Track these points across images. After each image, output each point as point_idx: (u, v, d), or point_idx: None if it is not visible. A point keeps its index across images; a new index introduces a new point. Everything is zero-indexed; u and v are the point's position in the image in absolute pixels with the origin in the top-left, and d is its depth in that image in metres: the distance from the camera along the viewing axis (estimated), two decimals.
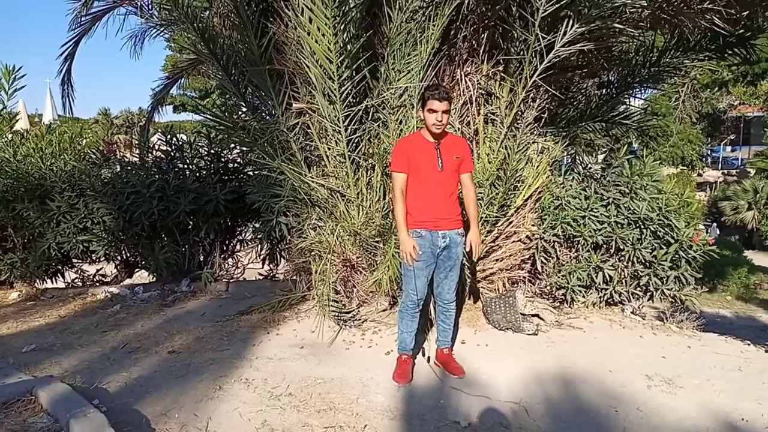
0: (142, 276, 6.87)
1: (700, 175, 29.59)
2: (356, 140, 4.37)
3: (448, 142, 3.41)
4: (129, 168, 6.03)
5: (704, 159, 31.32)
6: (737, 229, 22.37)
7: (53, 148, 6.48)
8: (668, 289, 4.52)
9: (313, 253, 4.62)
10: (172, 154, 6.24)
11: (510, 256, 4.83)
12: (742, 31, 4.98)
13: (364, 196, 4.43)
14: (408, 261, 3.30)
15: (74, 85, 6.53)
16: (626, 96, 5.98)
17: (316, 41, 3.91)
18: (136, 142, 6.88)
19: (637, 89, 5.92)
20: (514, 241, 4.83)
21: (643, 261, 4.54)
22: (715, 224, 21.75)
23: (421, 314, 3.61)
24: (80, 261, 6.75)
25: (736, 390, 3.36)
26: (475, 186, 3.75)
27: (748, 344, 4.18)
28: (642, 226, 4.55)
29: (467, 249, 3.49)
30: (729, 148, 33.60)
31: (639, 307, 4.74)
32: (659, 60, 5.46)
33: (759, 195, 20.87)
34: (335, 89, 4.10)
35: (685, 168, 28.10)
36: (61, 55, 6.18)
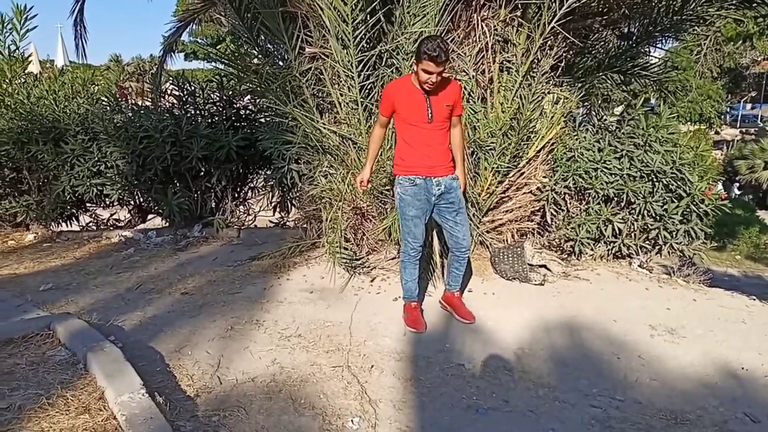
0: (155, 222, 6.95)
1: (717, 132, 29.03)
2: (369, 86, 4.32)
3: (438, 88, 3.23)
4: (142, 112, 6.03)
5: (723, 116, 30.66)
6: (752, 188, 22.12)
7: (66, 91, 6.47)
8: (677, 243, 4.52)
9: (323, 200, 4.64)
10: (184, 99, 6.22)
11: (520, 207, 4.83)
12: None
13: None
14: (359, 188, 3.56)
15: (87, 26, 6.47)
16: (647, 47, 5.82)
17: None
18: (148, 89, 6.84)
19: (659, 40, 5.75)
20: (524, 193, 4.82)
21: (653, 214, 4.53)
22: (736, 184, 21.49)
23: (421, 260, 3.63)
24: (94, 205, 6.85)
25: (739, 341, 3.41)
26: (464, 129, 3.75)
27: (754, 299, 4.20)
28: (654, 179, 4.51)
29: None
30: (749, 106, 32.82)
31: (647, 261, 4.75)
32: (682, 9, 5.27)
33: None
34: (349, 33, 4.03)
35: (702, 126, 27.58)
36: None
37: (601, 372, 3.07)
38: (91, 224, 6.89)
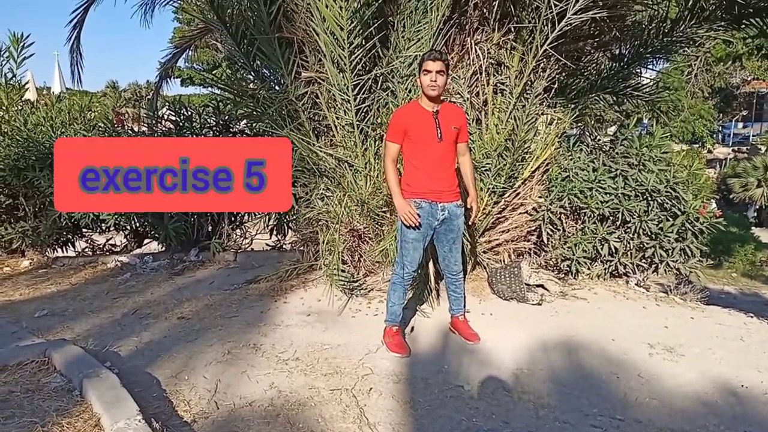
0: (151, 246, 6.94)
1: (710, 151, 29.27)
2: (365, 109, 4.37)
3: (445, 110, 3.35)
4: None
5: (715, 135, 30.94)
6: (745, 206, 22.23)
7: (63, 118, 6.50)
8: (673, 261, 4.53)
9: (320, 223, 4.65)
10: (181, 124, 6.26)
11: (516, 227, 4.85)
12: (758, 0, 4.89)
13: (371, 166, 4.44)
14: (412, 221, 3.29)
15: (83, 53, 6.53)
16: (638, 68, 5.90)
17: (327, 7, 3.88)
18: (145, 114, 6.88)
19: (650, 61, 5.84)
20: (520, 213, 4.85)
21: (649, 233, 4.55)
22: (755, 206, 21.54)
23: (414, 283, 3.65)
24: (90, 230, 6.83)
25: (737, 358, 3.40)
26: (472, 156, 3.78)
27: (751, 316, 4.20)
28: (649, 198, 4.55)
29: (471, 214, 3.53)
30: (741, 125, 33.13)
31: (643, 279, 4.77)
32: (672, 30, 5.37)
33: None
34: (345, 57, 4.08)
35: (695, 145, 27.82)
36: (70, 22, 6.20)
37: (601, 391, 3.05)
38: (87, 250, 6.87)
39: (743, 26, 5.33)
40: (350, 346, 3.56)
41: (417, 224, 3.32)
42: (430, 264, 4.30)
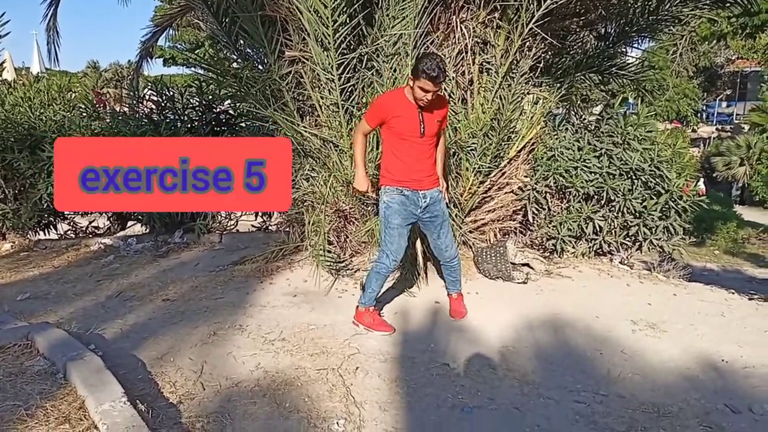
0: (135, 228, 6.87)
1: (694, 130, 29.51)
2: (350, 89, 4.32)
3: (431, 104, 3.26)
4: (120, 118, 5.95)
5: (699, 114, 31.18)
6: (728, 185, 22.51)
7: (42, 98, 6.37)
8: (657, 239, 4.58)
9: (306, 203, 4.63)
10: (162, 104, 6.16)
11: (502, 207, 4.87)
12: None
13: None
14: (358, 193, 3.46)
15: (60, 32, 6.39)
16: (623, 47, 5.89)
17: None
18: (126, 95, 6.76)
19: (635, 39, 5.83)
20: (506, 192, 4.86)
21: (633, 211, 4.59)
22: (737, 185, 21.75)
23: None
24: (72, 213, 6.74)
25: (718, 334, 3.46)
26: (449, 140, 3.79)
27: (733, 293, 4.27)
28: (633, 177, 4.58)
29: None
30: (725, 104, 33.38)
31: (627, 257, 4.81)
32: (658, 9, 5.35)
33: (752, 151, 20.91)
34: (329, 35, 4.02)
35: (681, 123, 28.04)
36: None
37: (585, 368, 3.09)
38: (69, 232, 6.78)
39: (728, 5, 5.35)
40: (337, 326, 3.57)
41: (370, 194, 3.52)
42: (418, 243, 4.30)
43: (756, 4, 5.49)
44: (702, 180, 18.33)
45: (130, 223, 6.81)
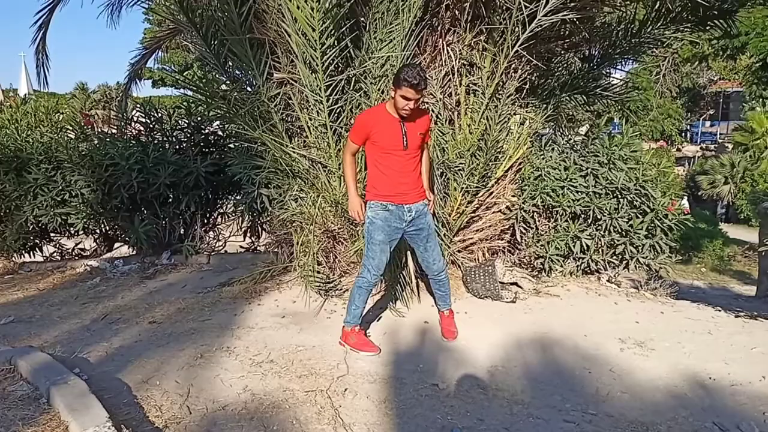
0: (121, 250, 6.82)
1: (679, 150, 29.92)
2: (338, 110, 4.35)
3: (413, 116, 3.31)
4: (107, 140, 5.95)
5: (683, 134, 31.66)
6: (714, 203, 22.77)
7: (29, 120, 6.36)
8: (643, 258, 4.62)
9: (294, 224, 4.62)
10: (151, 126, 6.17)
11: (490, 226, 4.89)
12: (722, 2, 5.01)
13: None
14: (356, 219, 3.44)
15: (49, 55, 6.39)
16: (608, 68, 6.00)
17: (299, 8, 3.85)
18: (114, 116, 6.76)
19: (619, 61, 5.94)
20: (494, 212, 4.88)
21: (619, 230, 4.63)
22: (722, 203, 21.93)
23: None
24: (59, 235, 6.69)
25: (706, 351, 3.48)
26: (429, 157, 3.76)
27: (719, 310, 4.30)
28: (619, 196, 4.63)
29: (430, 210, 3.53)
30: (708, 123, 33.93)
31: (615, 276, 4.84)
32: (640, 31, 5.47)
33: (735, 169, 21.18)
34: (317, 58, 4.06)
35: (666, 142, 28.44)
36: (36, 23, 6.03)
37: (574, 387, 3.09)
38: (55, 254, 6.72)
39: (708, 27, 5.45)
40: (325, 347, 3.55)
41: (360, 221, 3.47)
42: (410, 261, 4.30)
43: (735, 26, 5.60)
44: (685, 198, 18.54)
45: (117, 244, 6.76)
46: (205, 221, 6.41)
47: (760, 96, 18.55)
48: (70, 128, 6.37)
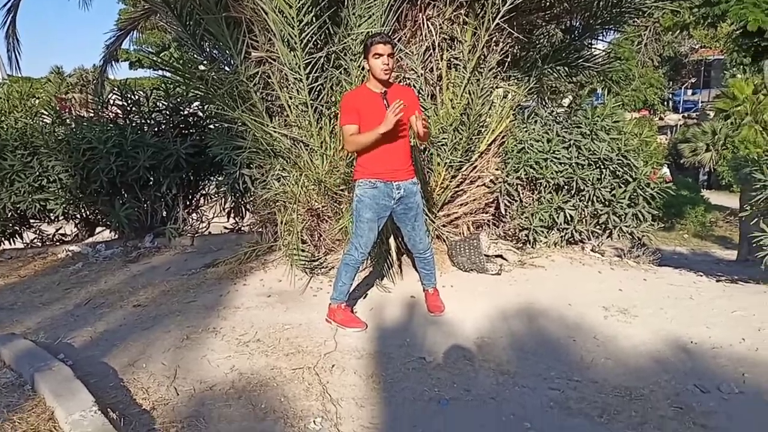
0: (103, 235, 6.74)
1: (661, 118, 30.08)
2: (318, 88, 4.30)
3: (394, 92, 3.32)
4: (84, 124, 5.83)
5: (666, 102, 31.82)
6: (696, 170, 23.00)
7: (2, 106, 6.21)
8: (626, 226, 4.66)
9: (278, 203, 4.59)
10: (128, 108, 6.06)
11: (474, 200, 4.89)
12: None
13: (327, 145, 4.39)
14: (394, 115, 3.08)
15: (20, 38, 6.22)
16: (589, 39, 5.97)
17: None
18: (91, 100, 6.62)
19: (600, 32, 5.90)
20: (478, 186, 4.89)
21: (602, 200, 4.66)
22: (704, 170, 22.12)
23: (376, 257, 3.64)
24: (38, 221, 6.58)
25: (687, 316, 3.53)
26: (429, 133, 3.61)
27: (701, 275, 4.37)
28: (602, 166, 4.65)
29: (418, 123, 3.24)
30: (690, 92, 34.09)
31: (598, 245, 4.89)
32: (621, 1, 5.43)
33: (717, 136, 21.34)
34: (295, 35, 3.99)
35: (650, 110, 28.60)
36: (4, 6, 5.86)
37: (559, 355, 3.13)
38: (35, 241, 6.62)
39: None
40: (312, 324, 3.55)
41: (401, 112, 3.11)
42: (391, 239, 4.30)
43: None
44: (665, 167, 18.70)
45: (98, 229, 6.68)
46: (188, 203, 6.35)
47: (740, 63, 18.63)
48: (46, 113, 6.24)
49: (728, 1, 11.77)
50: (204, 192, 6.57)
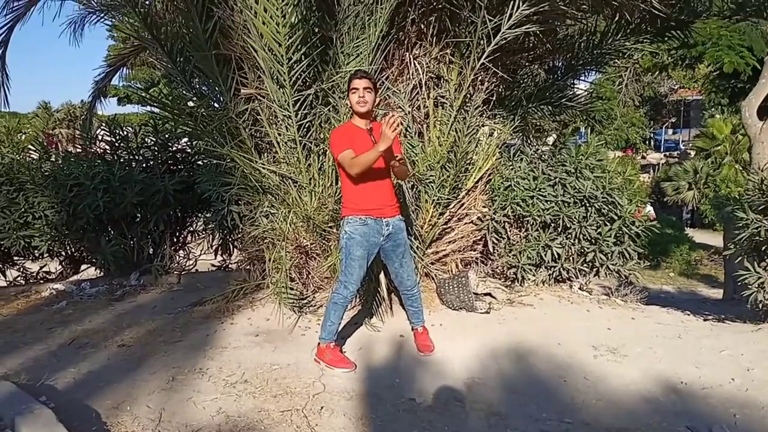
0: (88, 272, 6.64)
1: (643, 157, 30.65)
2: (307, 125, 4.34)
3: (378, 128, 3.32)
4: (71, 160, 5.81)
5: (647, 142, 32.50)
6: (679, 209, 23.35)
7: None
8: (613, 264, 4.69)
9: (266, 240, 4.57)
10: (116, 144, 6.06)
11: (462, 237, 4.92)
12: (679, 14, 5.17)
13: (316, 182, 4.41)
14: (393, 129, 3.00)
15: (9, 74, 6.24)
16: (572, 79, 6.12)
17: (264, 23, 3.85)
18: (79, 135, 6.62)
19: (582, 72, 6.07)
20: (465, 223, 4.92)
21: (588, 238, 4.70)
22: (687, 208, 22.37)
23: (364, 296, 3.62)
24: (22, 258, 6.47)
25: (676, 356, 3.54)
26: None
27: (688, 314, 4.39)
28: (587, 204, 4.70)
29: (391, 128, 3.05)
30: (671, 131, 34.89)
31: (586, 283, 4.91)
32: (601, 43, 5.60)
33: (698, 175, 21.79)
34: (284, 73, 4.05)
35: (631, 148, 29.14)
36: None
37: (549, 396, 3.11)
38: (19, 278, 6.50)
39: (667, 38, 5.63)
40: (300, 364, 3.50)
41: (400, 126, 3.08)
42: (381, 276, 4.29)
43: (692, 37, 5.78)
44: (649, 205, 18.94)
45: (83, 266, 6.58)
46: (175, 240, 6.30)
47: (718, 103, 19.14)
48: (33, 148, 6.22)
49: (704, 44, 12.19)
50: (191, 229, 6.53)
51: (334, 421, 2.86)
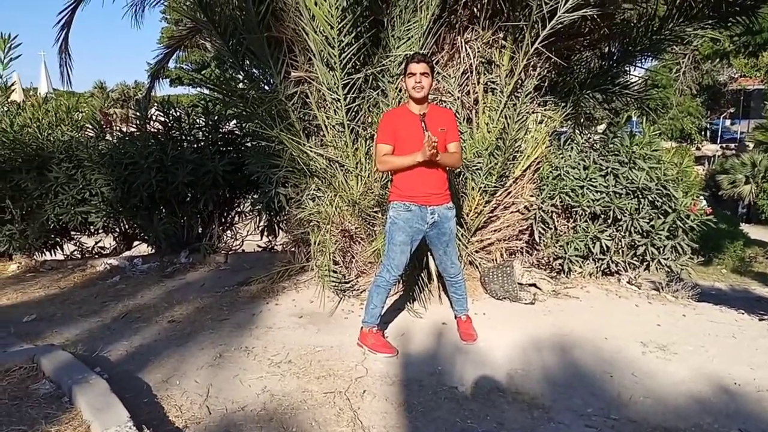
0: (140, 249, 6.88)
1: (698, 148, 29.49)
2: (355, 109, 4.34)
3: (433, 113, 3.36)
4: (127, 139, 6.00)
5: (703, 132, 31.22)
6: (734, 203, 22.43)
7: (50, 119, 6.43)
8: (664, 259, 4.55)
9: (311, 223, 4.62)
10: (169, 125, 6.21)
11: (508, 226, 4.85)
12: None
13: (362, 166, 4.42)
14: (432, 145, 3.10)
15: (71, 54, 6.46)
16: (627, 66, 5.91)
17: (317, 5, 3.85)
18: (133, 115, 6.81)
19: (638, 59, 5.85)
20: (512, 212, 4.84)
21: (640, 231, 4.56)
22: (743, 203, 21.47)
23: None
24: (79, 233, 6.76)
25: (730, 356, 3.41)
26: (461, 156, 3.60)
27: (743, 313, 4.22)
28: (640, 196, 4.56)
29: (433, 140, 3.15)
30: (728, 122, 33.40)
31: (635, 277, 4.77)
32: (661, 28, 5.38)
33: (757, 169, 20.84)
34: (335, 56, 4.05)
35: (683, 142, 28.06)
36: (58, 23, 6.13)
37: (595, 391, 3.05)
38: (75, 253, 6.79)
39: (730, 24, 5.35)
40: (343, 347, 3.54)
41: (436, 147, 3.12)
42: (431, 262, 4.27)
43: (757, 23, 5.49)
44: (702, 198, 18.21)
45: (135, 243, 6.82)
46: (223, 220, 6.44)
47: None
48: (90, 127, 6.43)
49: None
50: (239, 209, 6.66)
51: (376, 405, 2.88)
